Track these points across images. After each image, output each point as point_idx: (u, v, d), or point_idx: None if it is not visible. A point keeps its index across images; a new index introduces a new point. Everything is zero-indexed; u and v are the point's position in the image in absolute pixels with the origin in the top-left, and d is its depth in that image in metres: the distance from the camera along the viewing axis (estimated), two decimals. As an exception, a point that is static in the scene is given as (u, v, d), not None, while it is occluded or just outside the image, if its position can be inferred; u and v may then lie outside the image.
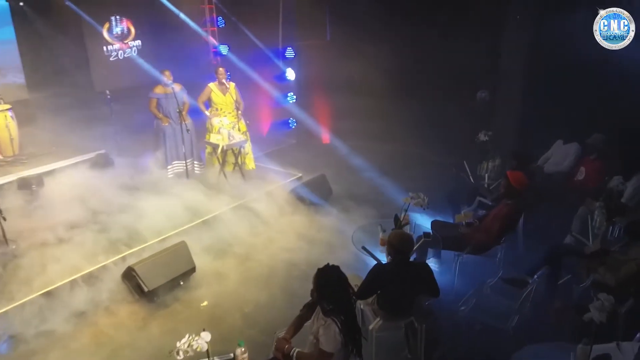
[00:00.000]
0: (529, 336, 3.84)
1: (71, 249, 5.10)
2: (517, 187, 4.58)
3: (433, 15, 7.70)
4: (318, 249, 5.50)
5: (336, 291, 3.00)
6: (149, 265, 4.66)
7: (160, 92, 6.52)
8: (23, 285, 4.50)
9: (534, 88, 7.15)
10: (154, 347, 4.05)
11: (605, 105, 6.16)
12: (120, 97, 8.22)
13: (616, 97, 6.04)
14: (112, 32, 9.37)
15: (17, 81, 8.56)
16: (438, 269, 5.01)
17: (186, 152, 6.64)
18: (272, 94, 9.05)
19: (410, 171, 7.38)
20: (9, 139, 6.84)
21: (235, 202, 6.23)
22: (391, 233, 3.73)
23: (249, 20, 9.13)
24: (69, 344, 4.15)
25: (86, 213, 5.82)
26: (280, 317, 4.04)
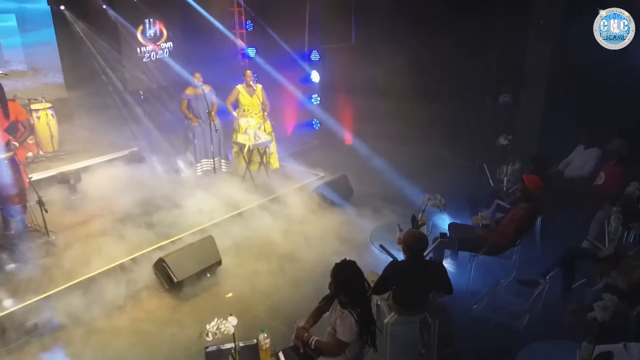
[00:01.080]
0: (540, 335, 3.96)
1: (107, 240, 5.46)
2: (532, 191, 4.70)
3: (457, 20, 7.79)
4: (337, 246, 5.69)
5: (352, 285, 3.21)
6: (178, 257, 4.96)
7: (191, 94, 6.83)
8: (63, 273, 4.84)
9: (556, 93, 7.20)
10: (184, 333, 4.34)
11: (627, 111, 6.19)
12: (152, 97, 8.61)
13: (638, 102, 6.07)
14: (146, 34, 9.78)
15: (57, 81, 9.03)
16: (454, 269, 5.17)
17: (214, 150, 6.95)
18: (297, 96, 9.29)
19: (430, 173, 7.49)
20: (49, 136, 7.28)
21: (260, 199, 6.50)
22: (406, 232, 3.92)
23: (276, 23, 9.39)
24: (105, 329, 4.46)
25: (121, 207, 6.19)
26: (300, 309, 4.24)
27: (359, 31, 9.41)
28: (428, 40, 8.19)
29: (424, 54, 8.31)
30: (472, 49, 7.95)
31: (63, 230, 5.58)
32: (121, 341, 4.33)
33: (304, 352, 3.32)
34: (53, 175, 6.47)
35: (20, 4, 8.55)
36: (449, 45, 7.98)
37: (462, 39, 7.87)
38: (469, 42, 7.90)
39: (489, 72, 8.12)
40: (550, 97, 7.34)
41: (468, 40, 7.87)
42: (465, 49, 7.93)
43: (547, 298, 4.37)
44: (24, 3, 8.59)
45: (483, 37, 7.85)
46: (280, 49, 9.34)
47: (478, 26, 7.70)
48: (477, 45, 7.94)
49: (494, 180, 6.70)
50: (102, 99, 8.97)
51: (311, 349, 3.28)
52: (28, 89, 8.28)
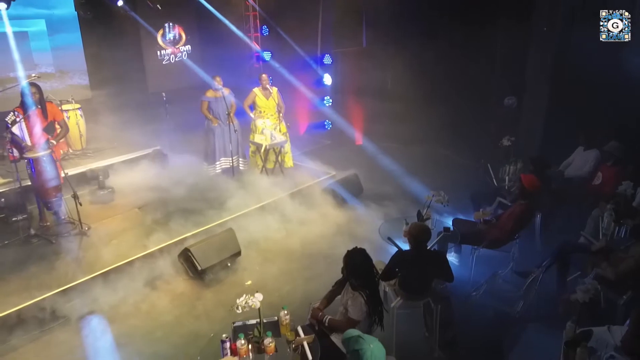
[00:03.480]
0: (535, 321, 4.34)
1: (134, 232, 5.93)
2: (529, 189, 5.04)
3: (463, 25, 8.10)
4: (347, 240, 6.03)
5: (362, 269, 3.62)
6: (202, 247, 5.39)
7: (211, 96, 7.26)
8: (96, 262, 5.29)
9: (558, 96, 7.50)
10: (209, 316, 4.79)
11: (625, 114, 6.49)
12: (173, 97, 9.07)
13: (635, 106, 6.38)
14: (166, 37, 10.24)
15: (82, 82, 9.54)
16: (457, 262, 5.54)
17: (232, 150, 7.37)
18: (310, 98, 9.69)
19: (436, 172, 7.82)
20: (78, 135, 7.76)
21: (275, 196, 6.90)
22: (411, 224, 4.31)
23: (290, 28, 9.78)
24: (135, 313, 4.88)
25: (146, 201, 6.66)
26: (314, 295, 4.62)
27: (370, 36, 9.80)
28: (435, 44, 8.53)
29: (431, 58, 8.66)
30: (477, 53, 8.28)
31: (93, 223, 6.02)
32: (150, 323, 4.75)
33: (318, 329, 3.72)
34: (83, 172, 6.93)
35: (50, 10, 9.06)
36: (456, 49, 8.32)
37: (468, 44, 8.20)
38: (475, 47, 8.23)
39: (493, 76, 8.43)
40: (553, 100, 7.64)
41: (474, 45, 8.20)
42: (470, 53, 8.26)
43: (544, 289, 4.74)
44: (53, 9, 9.10)
45: (488, 42, 8.17)
46: (294, 52, 9.73)
47: (483, 31, 8.03)
48: (482, 49, 8.27)
49: (497, 179, 7.04)
50: (125, 99, 9.44)
51: (325, 326, 3.69)
52: (55, 91, 8.77)
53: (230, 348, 3.28)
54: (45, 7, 8.99)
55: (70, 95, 8.21)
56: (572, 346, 3.19)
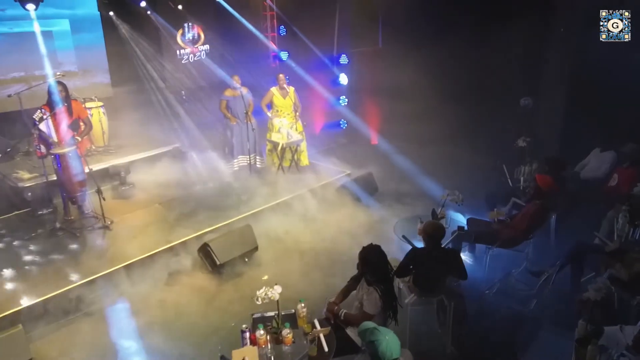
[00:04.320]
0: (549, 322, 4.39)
1: (155, 226, 6.11)
2: (543, 189, 5.09)
3: (480, 25, 8.12)
4: (362, 237, 6.05)
5: (377, 265, 3.72)
6: (221, 242, 5.54)
7: (230, 95, 7.42)
8: (118, 255, 5.48)
9: (575, 97, 7.50)
10: (227, 308, 4.94)
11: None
12: (191, 96, 9.26)
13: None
14: (185, 37, 10.42)
15: (104, 81, 9.74)
16: (471, 261, 5.60)
17: (250, 148, 7.51)
18: (326, 97, 9.79)
19: (451, 171, 7.83)
20: (101, 132, 7.98)
21: (291, 193, 7.02)
22: (426, 222, 4.40)
23: (307, 28, 9.89)
24: (156, 304, 5.05)
25: (166, 197, 6.86)
26: (329, 290, 4.73)
27: (386, 36, 9.86)
28: (452, 44, 8.52)
29: (447, 58, 8.67)
30: (493, 53, 8.27)
31: (116, 217, 6.22)
32: (170, 314, 4.91)
33: (334, 322, 3.83)
34: (106, 168, 7.14)
35: (73, 10, 9.28)
36: (472, 49, 8.33)
37: (484, 44, 8.20)
38: (491, 47, 8.22)
39: (510, 76, 8.43)
40: (569, 101, 7.63)
41: (490, 45, 8.20)
42: (487, 53, 8.26)
43: (558, 289, 4.78)
44: (77, 9, 9.32)
45: (505, 42, 8.16)
46: (310, 52, 9.83)
47: (500, 31, 8.01)
48: (499, 49, 8.26)
49: (512, 179, 7.07)
50: (145, 97, 9.66)
51: (340, 319, 3.80)
52: (78, 88, 8.99)
53: (250, 338, 3.41)
54: (69, 7, 9.21)
55: (93, 93, 8.43)
56: (583, 343, 3.25)
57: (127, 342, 4.52)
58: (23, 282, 5.00)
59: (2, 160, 7.29)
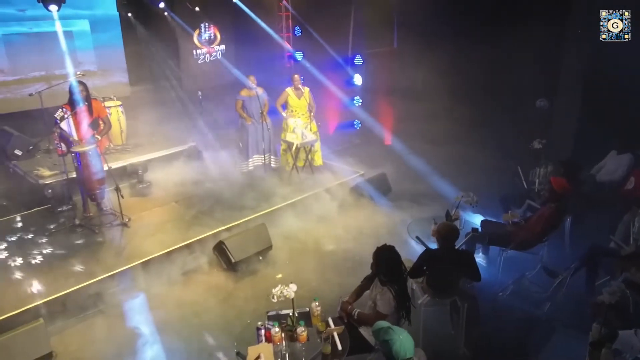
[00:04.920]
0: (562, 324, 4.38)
1: (173, 224, 6.22)
2: (559, 192, 5.06)
3: (495, 25, 8.08)
4: (375, 237, 6.10)
5: (391, 265, 3.75)
6: (236, 241, 5.62)
7: (245, 95, 7.50)
8: (136, 252, 5.58)
9: (592, 99, 7.43)
10: (242, 306, 5.02)
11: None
12: (206, 95, 9.37)
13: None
14: (201, 37, 10.54)
15: (122, 80, 9.92)
16: (485, 263, 5.60)
17: (265, 147, 7.59)
18: (340, 97, 9.82)
19: (465, 173, 7.81)
20: (119, 131, 8.13)
21: (305, 193, 7.08)
22: (440, 224, 4.42)
23: (322, 29, 9.92)
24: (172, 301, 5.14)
25: (183, 195, 6.97)
26: (342, 289, 4.75)
27: (401, 36, 9.87)
28: (466, 44, 8.51)
29: (462, 58, 8.67)
30: (509, 53, 8.23)
31: (133, 214, 6.33)
32: (186, 311, 4.99)
33: (347, 322, 3.87)
34: (124, 166, 7.28)
35: (93, 11, 9.46)
36: (486, 49, 8.28)
37: (500, 44, 8.15)
38: (507, 47, 8.18)
39: (525, 77, 8.38)
40: (586, 103, 7.57)
41: (505, 45, 8.15)
42: (502, 53, 8.22)
43: (572, 292, 4.76)
44: (96, 9, 9.50)
45: (520, 43, 8.11)
46: (325, 53, 9.88)
47: (515, 31, 7.95)
48: (514, 50, 8.21)
49: (527, 181, 7.03)
50: (162, 97, 9.82)
51: (354, 319, 3.84)
52: (97, 88, 9.15)
53: (265, 335, 3.48)
54: (89, 7, 9.39)
55: (112, 92, 8.59)
56: (597, 347, 3.25)
57: (144, 338, 4.62)
58: (43, 277, 5.12)
59: (23, 157, 7.46)
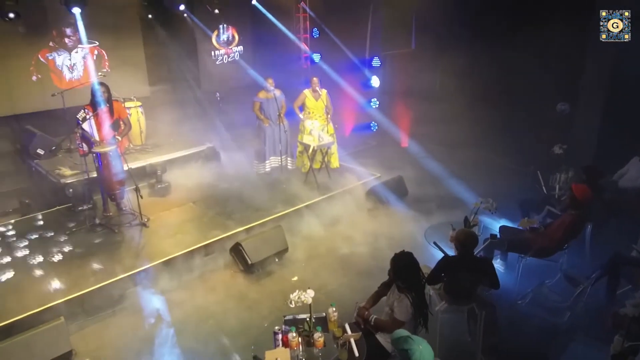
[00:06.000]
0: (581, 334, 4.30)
1: (190, 224, 6.28)
2: (580, 199, 4.97)
3: (516, 28, 7.98)
4: (391, 242, 6.14)
5: (409, 272, 3.73)
6: (253, 242, 5.65)
7: (263, 97, 7.53)
8: (154, 251, 5.65)
9: (615, 104, 7.30)
10: (258, 307, 5.04)
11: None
12: (224, 96, 9.42)
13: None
14: (220, 38, 10.61)
15: (142, 81, 10.01)
16: (503, 269, 5.53)
17: (282, 149, 7.62)
18: (357, 99, 9.80)
19: (484, 177, 7.75)
20: (139, 131, 8.23)
21: (321, 195, 7.10)
22: (459, 231, 4.37)
23: (340, 31, 9.91)
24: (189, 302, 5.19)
25: (201, 196, 7.03)
26: (358, 294, 4.71)
27: (419, 38, 9.81)
28: (485, 46, 8.42)
29: (481, 61, 8.58)
30: (529, 56, 8.13)
31: (152, 214, 6.41)
32: (203, 311, 5.04)
33: (364, 327, 3.86)
34: (143, 166, 7.37)
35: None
36: (507, 52, 8.20)
37: (519, 47, 8.07)
38: (527, 50, 8.09)
39: (546, 80, 8.27)
40: (608, 107, 7.43)
41: (526, 48, 8.06)
42: (522, 56, 8.12)
43: (593, 301, 4.68)
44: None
45: (541, 45, 8.01)
46: (342, 55, 9.86)
47: (536, 34, 7.86)
48: (535, 52, 8.11)
49: (547, 187, 6.93)
50: (180, 97, 9.90)
51: (371, 325, 3.83)
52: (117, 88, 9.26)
53: (282, 340, 3.49)
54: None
55: (132, 93, 8.69)
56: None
57: (162, 338, 4.66)
58: (63, 275, 5.21)
59: (45, 157, 7.60)
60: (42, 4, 7.93)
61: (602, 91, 7.56)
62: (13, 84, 7.90)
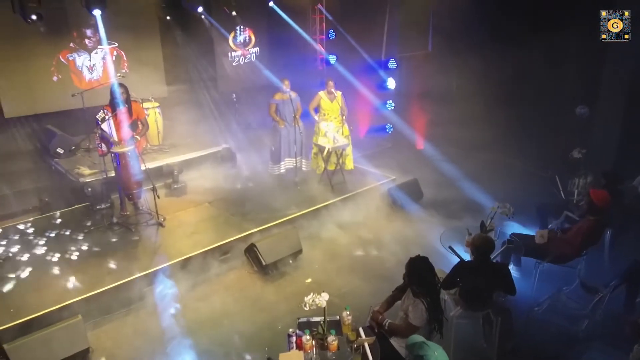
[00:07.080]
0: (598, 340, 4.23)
1: (206, 224, 6.33)
2: (598, 205, 4.88)
3: (534, 30, 7.88)
4: (406, 245, 6.11)
5: (424, 277, 3.71)
6: (267, 243, 5.69)
7: (279, 99, 7.55)
8: (170, 251, 5.71)
9: (635, 107, 7.16)
10: (272, 310, 5.06)
11: None
12: (240, 97, 9.47)
13: None
14: (237, 39, 10.68)
15: (160, 81, 10.12)
16: (519, 275, 5.46)
17: (297, 151, 7.64)
18: (372, 101, 9.77)
19: (501, 180, 7.66)
20: (156, 131, 8.33)
21: (336, 197, 7.10)
22: (475, 236, 4.34)
23: (356, 32, 9.90)
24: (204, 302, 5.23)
25: (216, 196, 7.08)
26: (372, 298, 4.71)
27: (436, 40, 9.73)
28: (503, 49, 8.31)
29: (499, 63, 8.47)
30: (548, 58, 8.02)
31: (168, 214, 6.48)
32: (217, 311, 5.07)
33: (378, 332, 3.85)
34: (160, 166, 7.45)
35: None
36: (525, 54, 8.10)
37: (538, 48, 7.97)
38: (545, 52, 7.98)
39: (565, 83, 8.14)
40: (629, 111, 7.30)
41: (544, 50, 7.95)
42: (541, 58, 8.02)
43: (611, 308, 4.60)
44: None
45: (559, 47, 7.89)
46: (358, 56, 9.84)
47: (554, 36, 7.75)
48: (553, 55, 8.00)
49: (565, 192, 6.82)
50: (197, 98, 9.97)
51: (385, 329, 3.82)
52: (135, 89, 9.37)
53: (296, 342, 3.49)
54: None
55: (149, 93, 8.79)
56: (639, 370, 3.13)
57: (177, 337, 4.70)
58: (80, 273, 5.29)
59: (65, 156, 7.73)
60: (64, 6, 8.05)
61: (623, 95, 7.42)
62: (34, 84, 8.05)
